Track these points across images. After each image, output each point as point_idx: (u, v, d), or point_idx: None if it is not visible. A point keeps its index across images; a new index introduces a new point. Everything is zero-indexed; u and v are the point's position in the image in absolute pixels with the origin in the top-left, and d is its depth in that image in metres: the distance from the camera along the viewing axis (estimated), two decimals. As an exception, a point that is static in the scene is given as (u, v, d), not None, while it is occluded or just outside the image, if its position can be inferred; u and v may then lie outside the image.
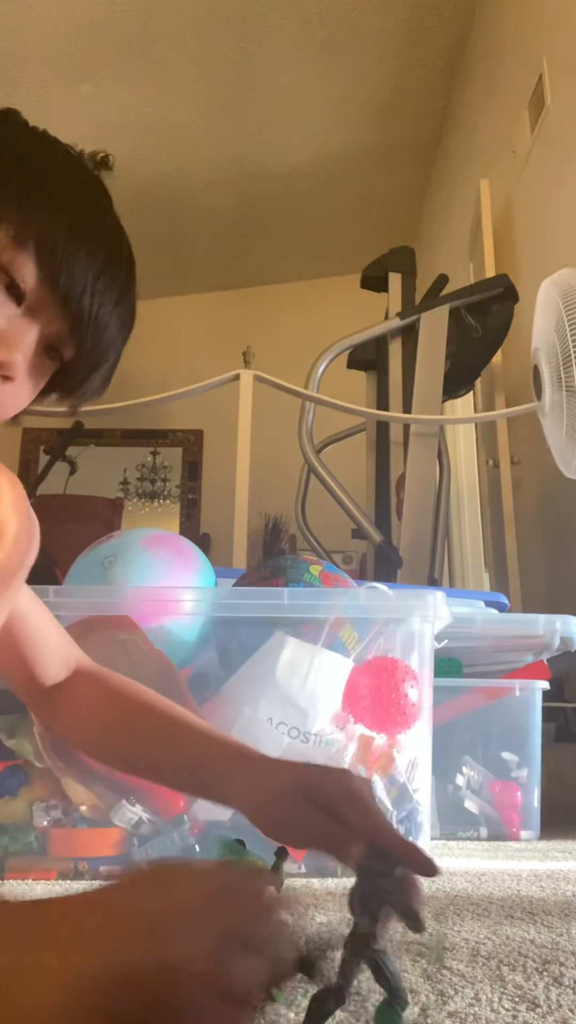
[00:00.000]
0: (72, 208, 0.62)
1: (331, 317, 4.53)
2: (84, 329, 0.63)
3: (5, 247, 0.58)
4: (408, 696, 1.28)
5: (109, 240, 0.64)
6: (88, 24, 3.96)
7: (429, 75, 4.29)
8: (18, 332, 0.61)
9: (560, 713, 2.50)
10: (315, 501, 3.59)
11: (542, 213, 3.07)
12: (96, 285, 0.62)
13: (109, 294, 0.63)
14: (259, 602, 1.33)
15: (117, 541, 1.45)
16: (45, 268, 0.60)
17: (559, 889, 1.12)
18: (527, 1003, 0.58)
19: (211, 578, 1.49)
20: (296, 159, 4.84)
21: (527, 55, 3.18)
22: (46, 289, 0.61)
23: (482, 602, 1.94)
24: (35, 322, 0.62)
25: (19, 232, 0.58)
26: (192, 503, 5.61)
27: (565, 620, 1.80)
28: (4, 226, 0.58)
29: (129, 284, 0.65)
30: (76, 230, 0.61)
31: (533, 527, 3.02)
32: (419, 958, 0.71)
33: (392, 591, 1.36)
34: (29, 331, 0.62)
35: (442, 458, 3.20)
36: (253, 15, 3.94)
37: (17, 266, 0.59)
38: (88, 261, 0.61)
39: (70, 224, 0.61)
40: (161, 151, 4.77)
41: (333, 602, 1.32)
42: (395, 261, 3.46)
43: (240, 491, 2.66)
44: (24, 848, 1.20)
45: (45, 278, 0.60)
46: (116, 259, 0.64)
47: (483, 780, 1.84)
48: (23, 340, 0.61)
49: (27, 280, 0.60)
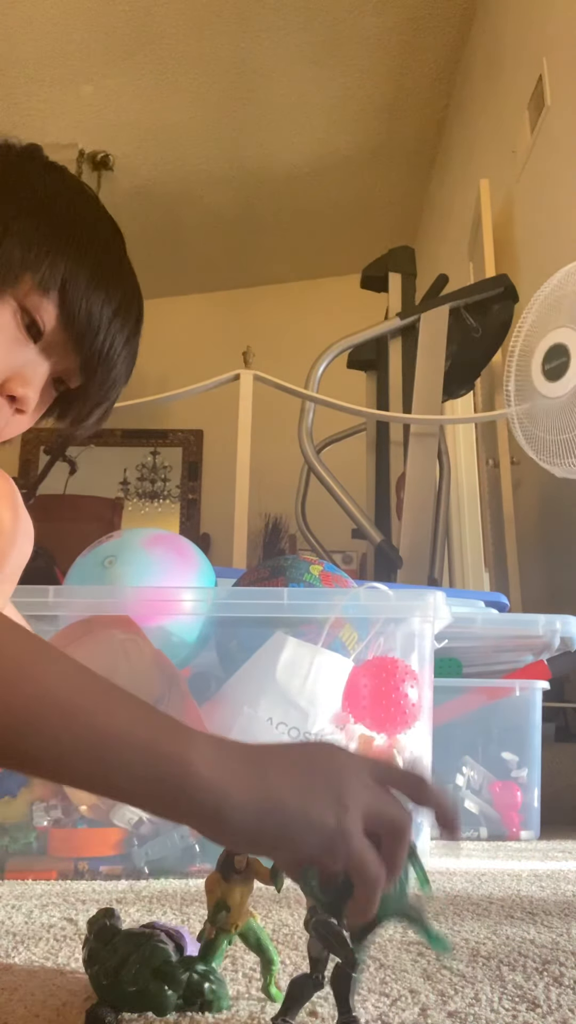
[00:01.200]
0: (94, 254, 0.64)
1: (331, 317, 4.53)
2: (96, 366, 0.65)
3: (30, 291, 0.61)
4: (408, 696, 1.28)
5: (125, 282, 0.67)
6: (88, 24, 3.96)
7: (429, 75, 4.29)
8: (34, 369, 0.64)
9: (560, 713, 2.50)
10: (315, 501, 3.59)
11: (542, 213, 3.07)
12: (111, 326, 0.65)
13: (120, 336, 0.66)
14: (259, 602, 1.33)
15: (117, 541, 1.45)
16: (65, 310, 0.62)
17: (559, 889, 1.12)
18: (527, 1003, 0.58)
19: (211, 578, 1.49)
20: (296, 159, 4.84)
21: (527, 55, 3.18)
22: (63, 328, 0.63)
23: (482, 602, 1.95)
24: (49, 359, 0.65)
25: (45, 278, 0.61)
26: (192, 503, 5.61)
27: (565, 620, 1.80)
28: (30, 272, 0.61)
29: (138, 325, 0.68)
30: (96, 274, 0.63)
31: (533, 527, 3.02)
32: (419, 958, 0.71)
33: (392, 591, 1.36)
34: (43, 367, 0.64)
35: (442, 458, 3.20)
36: (253, 15, 3.94)
37: (41, 309, 0.62)
38: (105, 303, 0.64)
39: (91, 269, 0.63)
40: (161, 151, 4.78)
41: (333, 602, 1.32)
42: (395, 261, 3.46)
43: (240, 491, 2.66)
44: (24, 848, 1.20)
45: (64, 319, 0.63)
46: (130, 301, 0.67)
47: (483, 780, 1.84)
48: (38, 377, 0.64)
49: (47, 321, 0.63)
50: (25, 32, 3.99)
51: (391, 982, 0.65)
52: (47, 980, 0.63)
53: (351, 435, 3.70)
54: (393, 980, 0.66)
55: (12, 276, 0.60)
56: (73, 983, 0.62)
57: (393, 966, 0.69)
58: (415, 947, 0.75)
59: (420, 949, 0.75)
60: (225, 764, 0.39)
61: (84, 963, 0.59)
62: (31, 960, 0.70)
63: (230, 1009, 0.57)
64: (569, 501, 2.67)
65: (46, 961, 0.69)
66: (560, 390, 2.22)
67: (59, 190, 0.66)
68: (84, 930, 0.62)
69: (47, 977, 0.64)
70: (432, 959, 0.70)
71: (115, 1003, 0.55)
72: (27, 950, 0.73)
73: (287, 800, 0.40)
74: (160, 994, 0.55)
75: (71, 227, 0.64)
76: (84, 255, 0.63)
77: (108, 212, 0.69)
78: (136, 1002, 0.55)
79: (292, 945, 0.76)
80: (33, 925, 0.84)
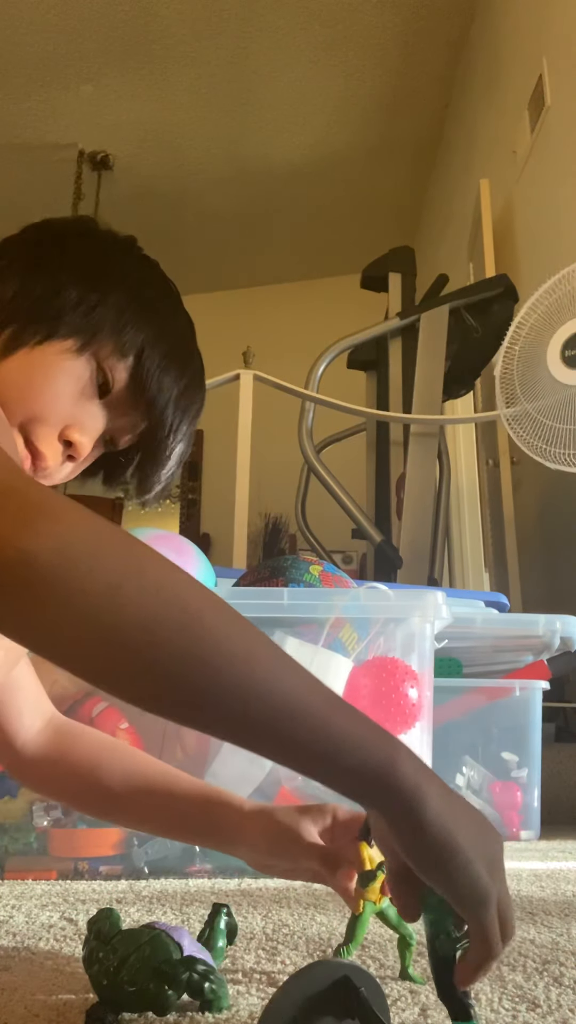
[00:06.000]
0: (171, 336, 0.73)
1: (331, 317, 4.53)
2: (164, 436, 0.72)
3: (110, 354, 0.69)
4: (408, 696, 1.28)
5: (195, 367, 0.75)
6: (88, 24, 3.96)
7: (429, 75, 4.29)
8: (94, 422, 0.70)
9: (560, 713, 2.50)
10: (315, 501, 3.59)
11: (542, 213, 3.07)
12: (179, 401, 0.72)
13: (187, 413, 0.73)
14: (259, 602, 1.33)
15: (117, 541, 1.45)
16: (138, 377, 0.70)
17: (559, 889, 1.12)
18: (527, 1003, 0.58)
19: (211, 578, 1.49)
20: (296, 159, 4.84)
21: (527, 55, 3.18)
22: (132, 392, 0.70)
23: (482, 602, 1.94)
24: (108, 416, 0.71)
25: (126, 344, 0.69)
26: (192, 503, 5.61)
27: (565, 620, 1.80)
28: (115, 337, 0.69)
29: (199, 410, 0.75)
30: (171, 353, 0.72)
31: (533, 527, 3.02)
32: (419, 958, 0.71)
33: (392, 591, 1.36)
34: (101, 422, 0.71)
35: (442, 458, 3.20)
36: (253, 15, 3.94)
37: (115, 370, 0.69)
38: (177, 379, 0.72)
39: (168, 347, 0.72)
40: (161, 151, 4.78)
41: (333, 602, 1.32)
42: (395, 261, 3.46)
43: (240, 491, 2.66)
44: (24, 848, 1.20)
45: (134, 384, 0.70)
46: (198, 385, 0.75)
47: (483, 780, 1.84)
48: (95, 429, 0.71)
49: (118, 382, 0.70)
50: (25, 32, 3.99)
51: (391, 982, 0.65)
52: (47, 980, 0.63)
53: (351, 435, 3.70)
54: (393, 980, 0.66)
55: (99, 338, 0.69)
56: (73, 983, 0.62)
57: (393, 966, 0.69)
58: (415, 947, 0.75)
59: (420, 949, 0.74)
60: (423, 772, 0.47)
61: (84, 963, 0.59)
62: (31, 960, 0.70)
63: (230, 1009, 0.57)
64: (569, 501, 2.67)
65: (46, 961, 0.69)
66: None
67: (150, 279, 0.75)
68: (84, 930, 0.62)
69: (47, 977, 0.64)
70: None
71: (115, 1003, 0.55)
72: (27, 950, 0.73)
73: (461, 831, 0.46)
74: (160, 994, 0.55)
75: (156, 310, 0.72)
76: (163, 334, 0.72)
77: (185, 308, 0.77)
78: (136, 1002, 0.55)
79: (292, 945, 0.76)
80: (33, 925, 0.84)
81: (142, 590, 0.43)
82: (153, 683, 0.44)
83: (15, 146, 4.65)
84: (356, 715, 0.47)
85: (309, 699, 0.46)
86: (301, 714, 0.45)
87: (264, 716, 0.45)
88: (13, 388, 0.67)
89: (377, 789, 0.46)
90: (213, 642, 0.44)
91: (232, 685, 0.44)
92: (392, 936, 0.80)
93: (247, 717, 0.45)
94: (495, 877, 0.47)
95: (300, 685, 0.46)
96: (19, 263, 0.71)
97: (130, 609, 0.43)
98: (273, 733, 0.45)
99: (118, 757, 0.78)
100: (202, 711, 0.45)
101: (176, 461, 0.75)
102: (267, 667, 0.46)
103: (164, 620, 0.44)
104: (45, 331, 0.67)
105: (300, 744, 0.46)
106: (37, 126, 4.55)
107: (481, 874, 0.46)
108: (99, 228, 0.76)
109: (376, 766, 0.46)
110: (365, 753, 0.46)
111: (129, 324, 0.70)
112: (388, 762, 0.46)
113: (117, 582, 0.43)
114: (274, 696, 0.45)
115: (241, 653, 0.45)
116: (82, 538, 0.43)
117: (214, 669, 0.44)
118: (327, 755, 0.46)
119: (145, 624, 0.43)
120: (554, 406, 2.29)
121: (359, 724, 0.47)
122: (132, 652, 0.43)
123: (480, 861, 0.46)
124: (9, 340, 0.67)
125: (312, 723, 0.45)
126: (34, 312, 0.68)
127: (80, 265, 0.71)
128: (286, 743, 0.46)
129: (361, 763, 0.46)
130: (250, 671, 0.45)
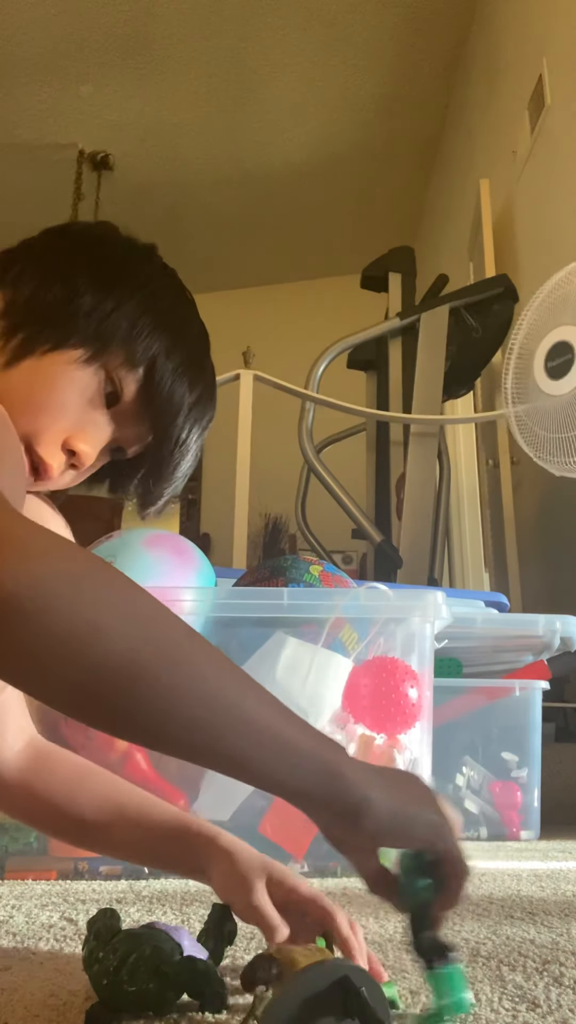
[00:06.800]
0: (185, 347, 0.72)
1: (331, 317, 4.53)
2: (172, 448, 0.72)
3: (121, 364, 0.68)
4: (408, 696, 1.28)
5: (207, 379, 0.74)
6: (88, 24, 3.96)
7: (429, 75, 4.29)
8: (100, 431, 0.70)
9: (560, 713, 2.50)
10: (315, 501, 3.59)
11: (542, 213, 3.07)
12: (190, 413, 0.71)
13: (197, 426, 0.73)
14: (259, 602, 1.32)
15: (117, 541, 1.45)
16: (149, 388, 0.69)
17: (559, 889, 1.12)
18: (527, 1003, 0.58)
19: (211, 578, 1.49)
20: (296, 159, 4.84)
21: (527, 55, 3.18)
22: (142, 403, 0.70)
23: (482, 602, 1.94)
24: (115, 425, 0.70)
25: (137, 354, 0.69)
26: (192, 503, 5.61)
27: (565, 620, 1.80)
28: (127, 347, 0.68)
29: (209, 422, 0.75)
30: (184, 364, 0.71)
31: (533, 527, 3.02)
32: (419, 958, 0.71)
33: (392, 591, 1.36)
34: (107, 432, 0.70)
35: (442, 458, 3.20)
36: (253, 15, 3.95)
37: (125, 381, 0.69)
38: (188, 391, 0.71)
39: (181, 358, 0.71)
40: (161, 151, 4.78)
41: (333, 602, 1.32)
42: (395, 261, 3.46)
43: (240, 491, 2.66)
44: (24, 848, 1.20)
45: (145, 394, 0.69)
46: (209, 398, 0.74)
47: (483, 780, 1.84)
48: (100, 439, 0.70)
49: (127, 392, 0.69)
50: (25, 32, 3.99)
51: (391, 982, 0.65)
52: (47, 980, 0.63)
53: (351, 435, 3.70)
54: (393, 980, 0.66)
55: (110, 348, 0.68)
56: (73, 983, 0.62)
57: (393, 966, 0.69)
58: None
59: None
60: (364, 773, 0.50)
61: (84, 963, 0.59)
62: (31, 960, 0.70)
63: (230, 1010, 0.57)
64: (569, 501, 2.67)
65: (46, 961, 0.69)
66: (563, 388, 2.22)
67: (167, 288, 0.74)
68: (84, 930, 0.62)
69: (47, 977, 0.64)
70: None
71: (115, 1003, 0.55)
72: (27, 950, 0.73)
73: (407, 803, 0.51)
74: (160, 994, 0.55)
75: (171, 320, 0.71)
76: (177, 345, 0.71)
77: (201, 318, 0.76)
78: (136, 1002, 0.55)
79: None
80: (33, 925, 0.84)
81: (122, 625, 0.44)
82: (134, 716, 0.44)
83: (15, 146, 4.65)
84: (303, 725, 0.50)
85: (272, 719, 0.48)
86: (266, 736, 0.47)
87: (235, 739, 0.47)
88: (18, 397, 0.66)
89: (323, 799, 0.49)
90: (188, 671, 0.45)
91: (204, 712, 0.46)
92: (392, 936, 0.80)
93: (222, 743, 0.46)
94: (438, 812, 0.52)
95: (265, 706, 0.48)
96: (35, 267, 0.70)
97: (111, 644, 0.43)
98: (243, 756, 0.47)
99: (94, 783, 0.77)
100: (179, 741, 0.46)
101: (182, 475, 0.74)
102: (238, 691, 0.48)
103: (142, 654, 0.44)
104: (55, 339, 0.66)
105: (264, 765, 0.48)
106: (37, 126, 4.55)
107: (432, 820, 0.52)
108: (119, 234, 0.75)
109: (324, 776, 0.48)
110: (313, 763, 0.48)
111: (143, 334, 0.69)
112: (336, 772, 0.49)
113: (95, 618, 0.43)
114: (244, 719, 0.47)
115: (212, 679, 0.47)
116: (60, 575, 0.43)
117: (188, 699, 0.45)
118: (277, 766, 0.48)
119: (125, 659, 0.43)
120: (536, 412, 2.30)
121: (307, 735, 0.49)
122: (112, 687, 0.43)
123: (426, 809, 0.52)
124: (18, 347, 0.66)
125: (273, 743, 0.48)
126: (46, 317, 0.67)
127: (97, 271, 0.69)
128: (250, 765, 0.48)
129: (313, 782, 0.48)
130: (231, 702, 0.47)
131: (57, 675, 0.43)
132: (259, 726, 0.47)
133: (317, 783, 0.48)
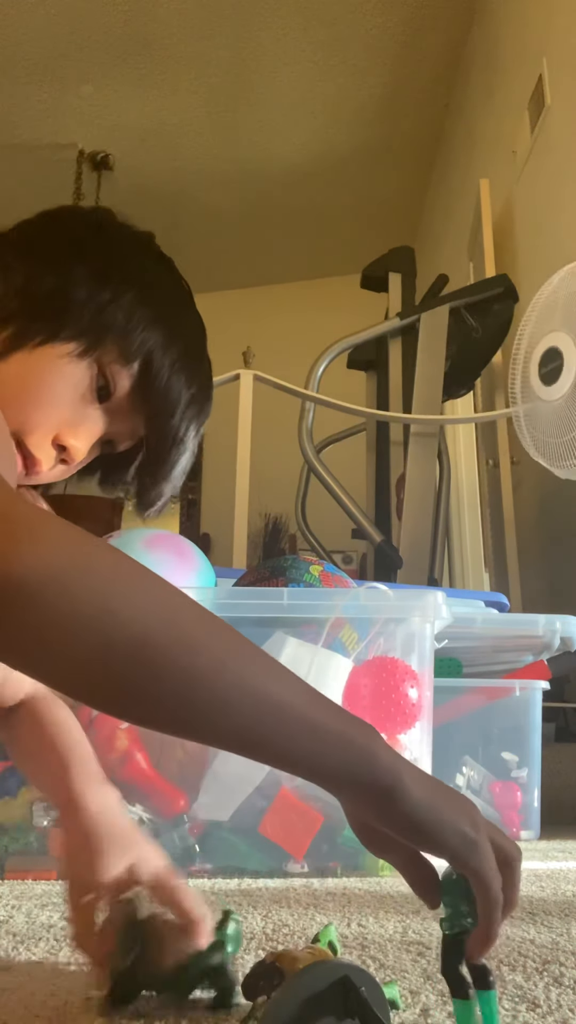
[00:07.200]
0: (182, 340, 0.70)
1: (331, 317, 4.53)
2: (169, 445, 0.70)
3: (114, 359, 0.66)
4: (408, 696, 1.28)
5: (204, 374, 0.72)
6: (89, 24, 3.96)
7: (429, 75, 4.29)
8: (92, 426, 0.68)
9: (560, 713, 2.51)
10: (315, 501, 3.59)
11: (542, 213, 3.07)
12: (187, 409, 0.70)
13: (194, 422, 0.71)
14: (259, 602, 1.32)
15: (117, 541, 1.45)
16: (145, 383, 0.68)
17: (559, 889, 1.12)
18: (527, 1003, 0.58)
19: (211, 578, 1.49)
20: (296, 159, 4.84)
21: (527, 55, 3.18)
22: (137, 399, 0.68)
23: (482, 602, 1.94)
24: (107, 420, 0.69)
25: (131, 349, 0.67)
26: (192, 503, 5.61)
27: (565, 620, 1.80)
28: (121, 341, 0.66)
29: (206, 417, 0.73)
30: (181, 358, 0.69)
31: (533, 527, 3.02)
32: (419, 958, 0.71)
33: (392, 591, 1.36)
34: (99, 426, 0.69)
35: (442, 458, 3.20)
36: (253, 15, 3.94)
37: (117, 376, 0.67)
38: (185, 386, 0.69)
39: (178, 352, 0.69)
40: (161, 151, 4.78)
41: (333, 602, 1.32)
42: (395, 261, 3.46)
43: (240, 491, 2.66)
44: (24, 848, 1.20)
45: (140, 390, 0.68)
46: (206, 394, 0.72)
47: (483, 780, 1.84)
48: (92, 434, 0.68)
49: (119, 388, 0.67)
50: (25, 32, 3.99)
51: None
52: (47, 980, 0.63)
53: (351, 435, 3.70)
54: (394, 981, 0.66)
55: (104, 341, 0.66)
56: (73, 983, 0.62)
57: (393, 966, 0.69)
58: (415, 947, 0.75)
59: (420, 950, 0.75)
60: (399, 759, 0.48)
61: None
62: (31, 960, 0.70)
63: (238, 1007, 0.57)
64: (569, 501, 2.67)
65: (46, 961, 0.69)
66: (556, 393, 2.24)
67: (164, 279, 0.72)
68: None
69: (47, 977, 0.64)
70: (432, 959, 0.70)
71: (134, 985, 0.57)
72: (27, 950, 0.73)
73: (442, 805, 0.48)
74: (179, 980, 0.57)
75: (168, 313, 0.69)
76: (174, 339, 0.69)
77: (198, 310, 0.74)
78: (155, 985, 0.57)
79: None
80: (33, 925, 0.84)
81: (132, 608, 0.43)
82: (145, 699, 0.44)
83: (15, 146, 4.65)
84: (334, 709, 0.48)
85: (296, 701, 0.46)
86: (290, 717, 0.46)
87: (258, 721, 0.45)
88: (9, 391, 0.64)
89: (357, 781, 0.47)
90: (207, 655, 0.44)
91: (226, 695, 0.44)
92: (392, 936, 0.80)
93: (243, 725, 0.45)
94: (479, 830, 0.48)
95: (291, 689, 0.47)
96: (28, 254, 0.67)
97: (120, 628, 0.42)
98: (265, 738, 0.46)
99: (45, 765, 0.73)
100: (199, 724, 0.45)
101: (181, 472, 0.73)
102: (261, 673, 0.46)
103: (155, 637, 0.43)
104: (48, 331, 0.65)
105: (289, 747, 0.46)
106: (37, 126, 4.55)
107: (466, 833, 0.48)
108: (116, 221, 0.73)
109: (356, 759, 0.47)
110: (345, 745, 0.47)
111: (139, 327, 0.67)
112: (368, 755, 0.47)
113: (105, 602, 0.42)
114: (268, 701, 0.45)
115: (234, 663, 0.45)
116: (69, 559, 0.42)
117: (209, 682, 0.44)
118: (309, 749, 0.46)
119: (136, 642, 0.43)
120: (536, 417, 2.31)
121: (337, 718, 0.47)
122: (123, 670, 0.43)
123: (462, 820, 0.48)
124: (10, 339, 0.65)
125: (299, 725, 0.46)
126: (40, 308, 0.65)
127: (93, 260, 0.67)
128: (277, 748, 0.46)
129: (344, 762, 0.47)
130: (242, 680, 0.45)
131: (67, 658, 0.42)
132: (283, 707, 0.46)
133: (348, 765, 0.46)
